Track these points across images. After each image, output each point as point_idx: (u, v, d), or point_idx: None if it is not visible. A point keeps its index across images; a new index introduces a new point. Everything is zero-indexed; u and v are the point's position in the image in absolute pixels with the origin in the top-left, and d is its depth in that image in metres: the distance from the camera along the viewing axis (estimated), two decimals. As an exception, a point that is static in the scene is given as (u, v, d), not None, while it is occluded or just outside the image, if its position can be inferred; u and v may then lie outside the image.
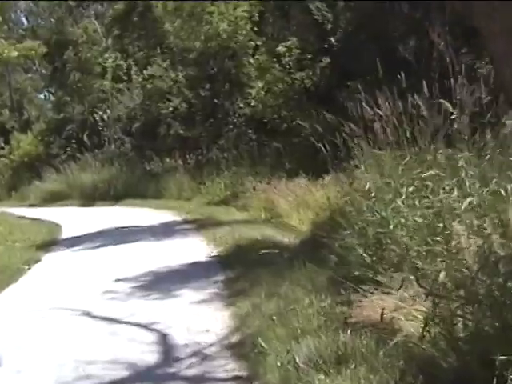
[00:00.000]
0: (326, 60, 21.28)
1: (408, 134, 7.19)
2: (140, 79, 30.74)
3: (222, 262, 11.40)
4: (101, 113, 33.67)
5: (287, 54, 21.98)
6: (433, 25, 15.67)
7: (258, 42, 25.82)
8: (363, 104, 7.60)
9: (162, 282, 10.33)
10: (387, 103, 7.35)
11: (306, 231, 13.03)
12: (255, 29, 26.03)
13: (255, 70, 25.60)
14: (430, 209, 6.17)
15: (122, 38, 32.99)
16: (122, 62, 34.06)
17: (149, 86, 29.55)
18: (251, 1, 25.80)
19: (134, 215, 21.53)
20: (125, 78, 33.60)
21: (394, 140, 7.27)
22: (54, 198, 30.98)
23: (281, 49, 22.11)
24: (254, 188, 18.96)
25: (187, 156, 26.76)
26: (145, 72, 30.02)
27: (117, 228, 18.06)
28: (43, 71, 42.96)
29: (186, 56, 27.85)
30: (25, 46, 29.99)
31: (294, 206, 15.25)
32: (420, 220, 6.19)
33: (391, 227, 6.47)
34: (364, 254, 6.69)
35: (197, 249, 13.37)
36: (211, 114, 27.29)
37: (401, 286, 5.31)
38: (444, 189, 6.14)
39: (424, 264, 5.33)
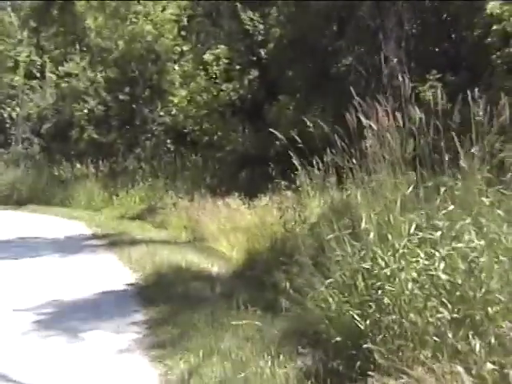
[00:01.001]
0: (255, 73, 19.96)
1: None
2: (54, 78, 28.90)
3: (141, 294, 9.41)
4: (9, 109, 31.86)
5: (214, 62, 20.55)
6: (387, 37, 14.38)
7: (185, 48, 24.59)
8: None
9: (66, 318, 8.23)
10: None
11: (237, 260, 11.40)
12: (182, 33, 24.66)
13: (179, 76, 24.35)
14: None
15: (39, 32, 30.94)
16: (36, 58, 32.22)
17: (63, 84, 27.71)
18: (181, 0, 24.28)
19: (37, 224, 19.60)
20: (38, 74, 31.91)
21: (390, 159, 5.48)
22: None
23: (208, 56, 20.76)
24: (175, 204, 17.19)
25: (100, 163, 25.04)
26: (60, 69, 28.08)
27: (16, 238, 16.05)
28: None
29: (107, 56, 26.10)
30: None
31: (222, 228, 13.58)
32: (444, 277, 4.39)
33: (409, 286, 4.53)
34: (355, 316, 4.79)
35: (110, 272, 11.46)
36: (128, 120, 26.02)
37: None
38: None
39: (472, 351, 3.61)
